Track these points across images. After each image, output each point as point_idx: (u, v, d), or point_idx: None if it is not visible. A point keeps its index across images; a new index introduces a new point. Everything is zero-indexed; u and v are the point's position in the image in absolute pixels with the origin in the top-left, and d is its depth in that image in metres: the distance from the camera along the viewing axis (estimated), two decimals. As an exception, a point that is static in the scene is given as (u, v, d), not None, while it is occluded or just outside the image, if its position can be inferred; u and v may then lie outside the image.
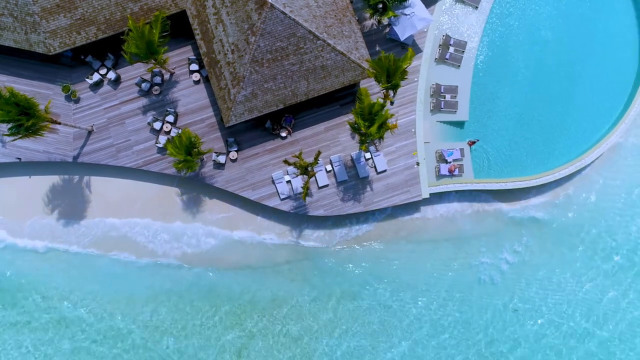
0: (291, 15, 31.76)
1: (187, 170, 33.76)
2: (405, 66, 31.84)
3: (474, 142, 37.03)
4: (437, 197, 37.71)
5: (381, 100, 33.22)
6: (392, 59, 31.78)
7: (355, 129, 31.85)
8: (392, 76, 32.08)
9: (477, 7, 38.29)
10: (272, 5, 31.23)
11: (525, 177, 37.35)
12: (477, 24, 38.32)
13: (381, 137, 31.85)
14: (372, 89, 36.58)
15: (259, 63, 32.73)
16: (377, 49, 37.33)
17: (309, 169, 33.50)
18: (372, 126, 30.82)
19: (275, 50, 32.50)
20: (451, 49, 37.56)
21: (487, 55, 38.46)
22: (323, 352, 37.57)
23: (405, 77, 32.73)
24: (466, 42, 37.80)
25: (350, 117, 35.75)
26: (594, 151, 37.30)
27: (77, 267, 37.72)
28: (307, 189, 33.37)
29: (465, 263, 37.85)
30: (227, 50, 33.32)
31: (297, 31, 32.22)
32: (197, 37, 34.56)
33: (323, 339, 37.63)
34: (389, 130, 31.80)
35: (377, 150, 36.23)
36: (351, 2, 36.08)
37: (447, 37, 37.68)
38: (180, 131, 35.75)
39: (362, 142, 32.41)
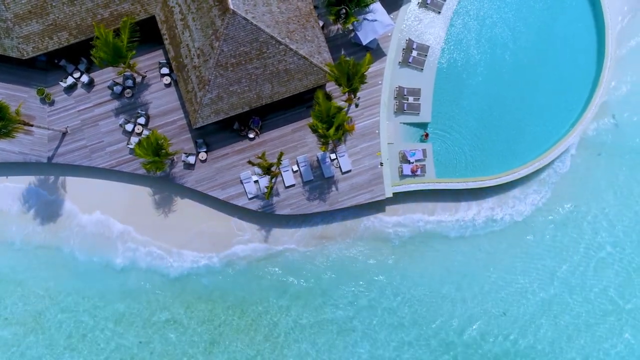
0: (253, 21, 32.99)
1: (155, 171, 35.04)
2: (364, 70, 33.08)
3: (427, 135, 38.31)
4: (401, 197, 38.93)
5: (342, 104, 34.44)
6: (351, 63, 33.03)
7: (314, 130, 33.04)
8: (352, 80, 33.34)
9: (439, 12, 39.52)
10: (234, 11, 32.45)
11: (485, 176, 38.53)
12: (439, 28, 39.56)
13: (339, 139, 33.01)
14: (337, 91, 37.80)
15: (224, 67, 33.95)
16: (343, 52, 38.53)
17: (272, 169, 34.68)
18: (331, 128, 32.04)
19: (239, 54, 33.73)
20: (414, 53, 38.78)
21: (449, 59, 39.67)
22: (291, 347, 38.74)
23: (365, 80, 33.99)
24: (429, 46, 39.02)
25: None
26: (552, 152, 38.53)
27: (51, 264, 38.88)
28: (271, 188, 34.58)
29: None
30: (194, 55, 34.55)
31: (260, 36, 33.45)
32: (166, 42, 35.80)
33: (292, 334, 38.78)
34: (347, 132, 32.97)
35: (335, 152, 37.41)
36: (315, 7, 37.38)
37: (410, 41, 38.89)
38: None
39: (322, 144, 33.59)
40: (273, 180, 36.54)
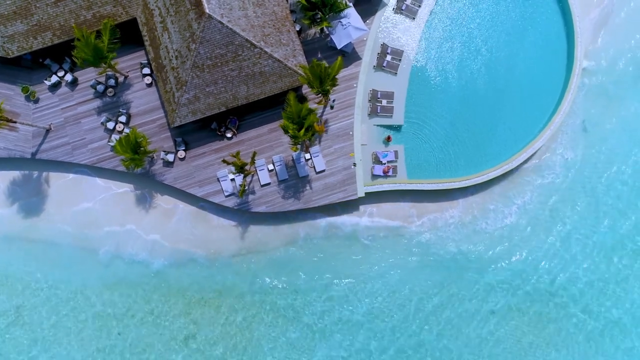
0: (229, 25, 34.21)
1: (135, 167, 36.27)
2: (335, 73, 34.31)
3: (390, 137, 39.50)
4: (373, 196, 40.13)
5: (314, 105, 35.64)
6: (323, 66, 34.27)
7: (286, 131, 34.23)
8: (324, 82, 34.57)
9: (414, 19, 40.72)
10: (209, 15, 33.67)
11: (455, 178, 39.68)
12: (413, 34, 40.75)
13: (309, 139, 34.19)
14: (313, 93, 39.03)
15: (200, 68, 35.18)
16: (319, 56, 39.75)
17: (246, 168, 35.87)
18: (301, 129, 33.25)
19: (215, 57, 34.95)
20: (388, 57, 39.98)
21: (422, 64, 40.87)
22: (267, 340, 39.86)
23: (337, 83, 35.22)
24: (403, 51, 40.22)
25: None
26: (521, 155, 39.73)
27: (33, 256, 40.05)
28: (244, 186, 35.78)
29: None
30: (172, 56, 35.79)
31: (235, 39, 34.67)
32: (146, 44, 37.05)
33: (267, 328, 39.94)
34: (317, 133, 34.15)
35: (309, 152, 38.60)
36: (292, 12, 38.60)
37: (385, 46, 40.09)
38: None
39: (293, 144, 34.79)
40: (247, 179, 37.72)
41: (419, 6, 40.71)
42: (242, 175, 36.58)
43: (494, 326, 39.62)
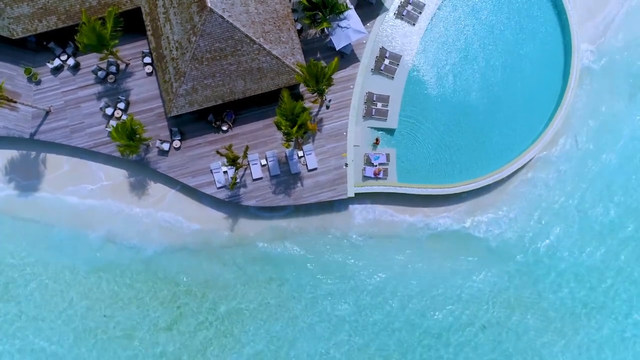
0: (229, 20, 34.82)
1: (130, 154, 36.94)
2: (331, 73, 34.87)
3: (378, 140, 39.96)
4: (363, 197, 40.66)
5: (310, 104, 36.20)
6: (320, 66, 34.85)
7: (279, 127, 34.79)
8: (320, 82, 35.13)
9: (414, 25, 41.22)
10: (211, 9, 34.30)
11: (445, 184, 40.16)
12: (413, 39, 41.26)
13: (302, 137, 34.74)
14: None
15: (199, 61, 35.80)
16: (318, 56, 40.30)
17: (239, 161, 36.47)
18: (294, 126, 33.82)
19: (214, 50, 35.56)
20: (386, 61, 40.50)
21: (420, 69, 41.36)
22: (248, 330, 40.45)
23: (332, 83, 35.77)
24: (401, 56, 40.73)
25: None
26: (512, 165, 40.20)
27: (24, 235, 40.72)
28: (235, 179, 36.38)
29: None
30: (172, 47, 36.43)
31: (235, 34, 35.28)
32: (149, 33, 37.71)
33: (249, 320, 40.53)
34: (309, 131, 34.70)
35: (302, 149, 39.16)
36: (294, 11, 39.17)
37: (384, 50, 40.61)
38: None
39: (285, 140, 35.37)
40: (238, 172, 38.31)
41: (420, 13, 41.22)
42: (234, 168, 37.17)
43: (473, 336, 40.23)
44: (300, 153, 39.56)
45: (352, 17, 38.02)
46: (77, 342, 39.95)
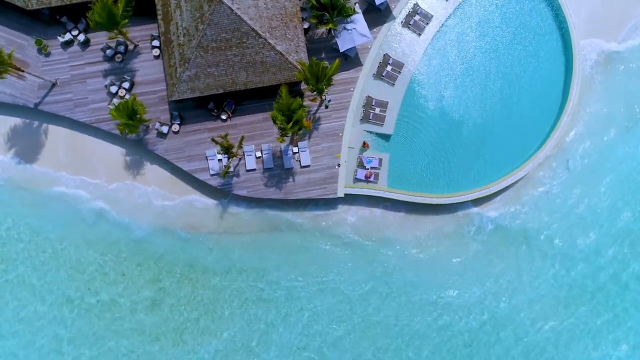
0: (237, 12, 35.62)
1: (128, 133, 37.79)
2: (331, 74, 35.57)
3: (366, 144, 40.60)
4: (352, 198, 41.37)
5: (307, 103, 36.91)
6: (321, 65, 35.56)
7: (275, 122, 35.52)
8: (320, 81, 35.83)
9: (420, 35, 41.81)
10: (220, 0, 35.07)
11: (433, 194, 40.75)
12: (417, 49, 41.86)
13: (296, 133, 35.45)
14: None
15: (205, 49, 36.60)
16: (322, 56, 40.97)
17: (233, 150, 37.24)
18: (289, 122, 34.54)
19: (220, 40, 36.37)
20: (389, 68, 41.14)
21: (421, 79, 41.98)
22: (229, 315, 41.23)
23: (332, 83, 36.46)
24: (404, 64, 41.35)
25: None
26: (501, 182, 40.79)
27: (22, 202, 41.69)
28: (228, 168, 37.16)
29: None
30: (180, 33, 37.26)
31: (242, 27, 36.07)
32: (159, 17, 38.56)
33: (230, 305, 41.28)
34: (305, 128, 35.42)
35: (297, 146, 39.85)
36: (303, 10, 39.88)
37: (387, 56, 41.24)
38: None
39: (280, 135, 36.09)
40: (232, 162, 39.07)
41: (427, 23, 41.81)
42: (228, 157, 37.95)
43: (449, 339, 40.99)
44: (295, 149, 40.28)
45: (358, 21, 38.69)
46: (59, 307, 40.94)
